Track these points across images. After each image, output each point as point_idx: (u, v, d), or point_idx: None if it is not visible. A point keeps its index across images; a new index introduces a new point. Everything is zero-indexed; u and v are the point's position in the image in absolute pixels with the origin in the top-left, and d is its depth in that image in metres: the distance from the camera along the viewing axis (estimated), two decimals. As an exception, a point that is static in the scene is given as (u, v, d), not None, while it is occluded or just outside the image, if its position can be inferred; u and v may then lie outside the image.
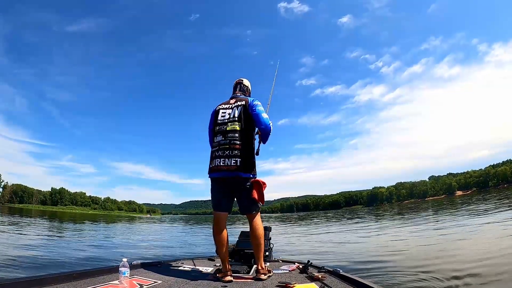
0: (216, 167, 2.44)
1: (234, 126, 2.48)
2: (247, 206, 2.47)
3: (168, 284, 2.07)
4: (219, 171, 2.42)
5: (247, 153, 2.46)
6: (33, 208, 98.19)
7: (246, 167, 2.42)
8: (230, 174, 2.40)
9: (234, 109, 2.56)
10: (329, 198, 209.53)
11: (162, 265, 2.93)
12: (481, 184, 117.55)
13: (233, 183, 2.45)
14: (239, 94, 2.76)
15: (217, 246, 2.47)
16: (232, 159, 2.39)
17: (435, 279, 3.83)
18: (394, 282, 3.90)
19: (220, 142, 2.47)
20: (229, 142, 2.43)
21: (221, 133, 2.50)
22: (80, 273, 2.08)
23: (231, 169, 2.38)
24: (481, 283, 3.50)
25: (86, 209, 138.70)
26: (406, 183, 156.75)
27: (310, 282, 2.19)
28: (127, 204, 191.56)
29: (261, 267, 2.42)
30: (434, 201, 79.90)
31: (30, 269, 4.74)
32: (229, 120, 2.52)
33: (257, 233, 2.46)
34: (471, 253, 5.39)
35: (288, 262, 3.35)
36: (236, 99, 2.65)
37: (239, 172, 2.39)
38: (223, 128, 2.51)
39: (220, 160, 2.42)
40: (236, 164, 2.38)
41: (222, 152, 2.43)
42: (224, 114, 2.58)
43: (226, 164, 2.39)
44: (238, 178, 2.41)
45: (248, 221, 2.50)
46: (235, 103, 2.61)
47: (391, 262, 5.34)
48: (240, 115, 2.52)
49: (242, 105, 2.56)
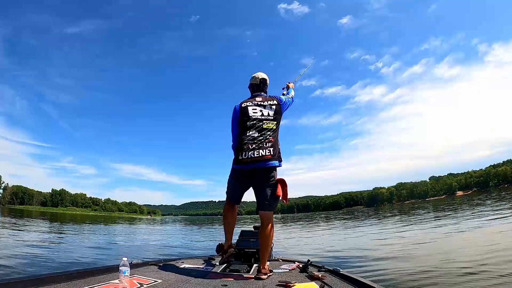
0: (245, 159, 2.47)
1: (270, 125, 2.56)
2: (269, 203, 2.50)
3: (168, 283, 2.06)
4: (250, 163, 2.46)
5: (277, 146, 2.56)
6: (33, 209, 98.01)
7: (277, 156, 2.52)
8: (261, 165, 2.45)
9: (268, 108, 2.62)
10: (329, 198, 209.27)
11: (162, 264, 2.92)
12: (481, 184, 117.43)
13: (260, 176, 2.49)
14: (262, 93, 2.80)
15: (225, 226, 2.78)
16: (266, 150, 2.46)
17: (435, 279, 3.83)
18: (394, 282, 3.90)
19: (255, 137, 2.50)
20: (265, 139, 2.50)
21: (257, 129, 2.53)
22: (80, 273, 2.07)
23: (265, 158, 2.45)
24: (481, 282, 3.50)
25: (87, 211, 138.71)
26: (407, 184, 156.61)
27: (310, 281, 2.18)
28: (128, 205, 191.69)
29: (263, 267, 2.42)
30: (434, 201, 79.78)
31: (30, 268, 4.75)
32: (266, 118, 2.57)
33: (268, 233, 2.49)
34: (471, 253, 5.38)
35: (288, 261, 3.34)
36: (262, 97, 2.70)
37: (272, 160, 2.47)
38: (259, 125, 2.54)
39: (254, 152, 2.46)
40: (270, 153, 2.46)
41: (256, 145, 2.47)
42: (256, 111, 2.60)
43: (260, 155, 2.45)
44: (269, 168, 2.49)
45: (261, 220, 2.53)
46: (264, 102, 2.65)
47: (391, 261, 5.34)
48: (275, 114, 2.61)
49: (276, 104, 2.65)
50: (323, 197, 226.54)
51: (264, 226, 2.50)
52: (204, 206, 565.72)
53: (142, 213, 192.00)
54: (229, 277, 2.39)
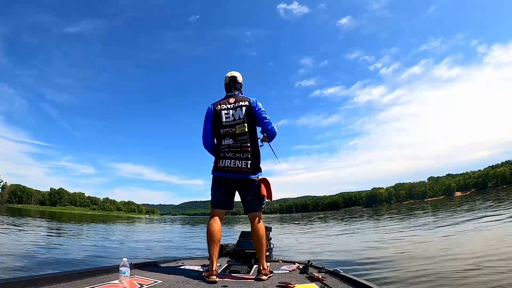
0: (224, 167, 2.45)
1: (243, 128, 2.47)
2: (255, 204, 2.48)
3: (168, 284, 2.06)
4: (228, 171, 2.44)
5: (255, 155, 2.50)
6: (31, 208, 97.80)
7: (255, 169, 2.47)
8: (239, 176, 2.43)
9: (238, 110, 2.52)
10: (328, 198, 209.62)
11: (163, 265, 2.92)
12: (480, 185, 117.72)
13: (240, 184, 2.48)
14: (237, 93, 2.69)
15: (209, 243, 2.42)
16: (243, 162, 2.41)
17: (435, 279, 3.84)
18: (394, 282, 3.91)
19: (230, 145, 2.46)
20: (240, 145, 2.44)
21: (230, 136, 2.48)
22: (80, 273, 2.07)
23: (243, 171, 2.41)
24: (481, 282, 3.51)
25: (85, 210, 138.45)
26: (405, 184, 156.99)
27: (310, 282, 2.18)
28: (126, 204, 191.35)
29: (263, 268, 2.41)
30: (433, 202, 79.95)
31: (30, 269, 4.73)
32: (237, 122, 2.49)
33: (259, 234, 2.46)
34: (470, 253, 5.39)
35: (288, 262, 3.34)
36: (235, 98, 2.59)
37: (250, 174, 2.43)
38: (231, 131, 2.49)
39: (231, 161, 2.43)
40: (247, 166, 2.41)
41: (233, 154, 2.44)
42: (228, 115, 2.52)
43: (237, 166, 2.41)
44: (247, 180, 2.45)
45: (250, 222, 2.50)
46: (236, 103, 2.55)
47: (391, 262, 5.35)
48: (245, 116, 2.50)
49: (246, 105, 2.53)
50: (322, 197, 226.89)
51: (254, 227, 2.48)
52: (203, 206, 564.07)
53: (140, 212, 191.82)
54: (229, 278, 2.38)
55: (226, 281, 2.26)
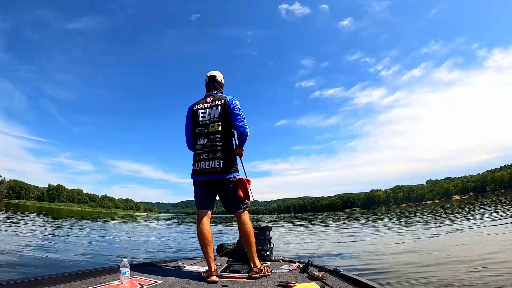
0: (200, 170, 2.45)
1: (216, 127, 2.46)
2: (232, 205, 2.48)
3: (168, 284, 2.06)
4: (204, 174, 2.44)
5: (228, 154, 2.47)
6: (29, 204, 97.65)
7: (228, 168, 2.44)
8: (214, 177, 2.43)
9: (214, 109, 2.51)
10: (326, 200, 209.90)
11: (163, 265, 2.92)
12: (478, 189, 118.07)
13: (217, 185, 2.47)
14: (215, 92, 2.67)
15: (202, 244, 2.41)
16: (215, 161, 2.40)
17: (435, 279, 3.85)
18: (394, 282, 3.92)
19: (204, 145, 2.46)
20: (212, 144, 2.43)
21: (204, 135, 2.48)
22: (80, 273, 2.07)
23: (216, 171, 2.40)
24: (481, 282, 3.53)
25: (83, 206, 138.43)
26: (404, 187, 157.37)
27: (310, 281, 2.18)
28: (124, 202, 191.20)
29: (254, 266, 2.40)
30: (431, 205, 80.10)
31: (30, 269, 4.69)
32: (211, 121, 2.49)
33: (245, 232, 2.45)
34: (469, 254, 5.41)
35: (289, 261, 3.34)
36: (213, 98, 2.58)
37: (223, 174, 2.41)
38: (205, 130, 2.48)
39: (205, 163, 2.43)
40: (219, 166, 2.40)
41: (206, 155, 2.43)
42: (204, 114, 2.53)
43: (210, 167, 2.41)
44: (222, 180, 2.43)
45: (237, 220, 2.50)
46: (213, 102, 2.55)
47: (390, 262, 5.36)
48: (220, 115, 2.48)
49: (222, 104, 2.51)
50: (320, 198, 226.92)
51: (239, 226, 2.47)
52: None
53: (138, 210, 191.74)
54: (230, 278, 2.38)
55: (227, 281, 2.26)
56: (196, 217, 2.49)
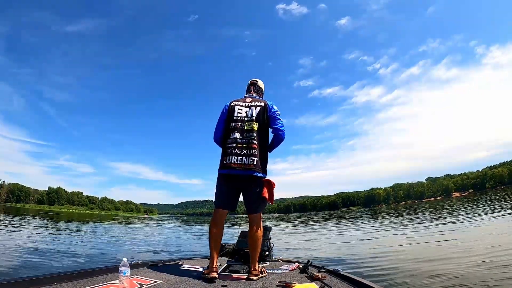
0: (231, 164, 2.41)
1: (253, 125, 2.47)
2: (256, 205, 2.48)
3: (168, 284, 2.06)
4: (234, 168, 2.40)
5: (263, 154, 2.49)
6: (29, 207, 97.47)
7: (261, 167, 2.45)
8: (245, 173, 2.39)
9: (252, 109, 2.55)
10: (326, 198, 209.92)
11: (162, 265, 2.91)
12: (478, 186, 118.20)
13: (245, 182, 2.44)
14: (255, 95, 2.74)
15: (211, 241, 2.45)
16: (249, 158, 2.39)
17: (434, 279, 3.86)
18: (394, 282, 3.92)
19: (237, 139, 2.45)
20: (248, 141, 2.42)
21: (239, 131, 2.47)
22: (80, 273, 2.07)
23: (249, 167, 2.38)
24: (480, 282, 3.53)
25: (83, 209, 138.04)
26: (403, 184, 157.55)
27: (310, 281, 2.18)
28: (124, 204, 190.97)
29: (254, 268, 2.40)
30: (431, 202, 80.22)
31: (30, 269, 4.70)
32: (248, 119, 2.50)
33: (257, 234, 2.46)
34: (469, 253, 5.41)
35: (288, 261, 3.34)
36: (252, 99, 2.63)
37: (256, 171, 2.40)
38: (241, 126, 2.49)
39: (238, 157, 2.40)
40: (253, 163, 2.39)
41: (240, 150, 2.41)
42: (241, 111, 2.55)
43: (244, 163, 2.39)
44: (253, 177, 2.41)
45: (250, 221, 2.49)
46: (252, 103, 2.59)
47: (390, 262, 5.36)
48: (258, 116, 2.51)
49: (261, 106, 2.55)
50: (320, 197, 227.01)
51: (252, 228, 2.47)
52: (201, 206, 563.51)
53: (138, 211, 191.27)
54: (229, 278, 2.38)
55: (226, 281, 2.25)
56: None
